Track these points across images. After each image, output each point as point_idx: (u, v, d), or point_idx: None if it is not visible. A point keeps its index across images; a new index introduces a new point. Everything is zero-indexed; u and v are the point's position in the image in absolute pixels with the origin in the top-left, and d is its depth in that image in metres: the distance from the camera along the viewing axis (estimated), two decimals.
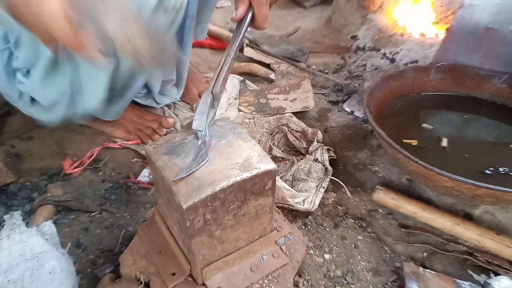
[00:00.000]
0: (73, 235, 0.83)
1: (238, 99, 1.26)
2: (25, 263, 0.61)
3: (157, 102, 1.14)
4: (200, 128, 0.61)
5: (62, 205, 0.86)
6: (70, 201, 0.87)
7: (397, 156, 0.81)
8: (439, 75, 1.10)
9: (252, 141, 0.61)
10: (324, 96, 1.34)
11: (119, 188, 0.95)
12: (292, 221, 0.88)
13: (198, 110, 0.62)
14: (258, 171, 0.56)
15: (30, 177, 0.97)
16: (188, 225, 0.53)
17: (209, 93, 0.63)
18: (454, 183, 0.72)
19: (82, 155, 1.03)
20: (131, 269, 0.67)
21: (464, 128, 1.01)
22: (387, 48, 1.56)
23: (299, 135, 1.08)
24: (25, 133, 1.10)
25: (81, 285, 0.73)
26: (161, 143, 0.60)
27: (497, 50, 1.07)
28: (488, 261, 0.79)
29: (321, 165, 0.97)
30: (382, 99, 1.02)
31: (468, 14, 1.07)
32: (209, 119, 0.62)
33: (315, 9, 2.05)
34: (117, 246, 0.81)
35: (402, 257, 0.82)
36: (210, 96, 0.63)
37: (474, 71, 1.08)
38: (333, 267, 0.79)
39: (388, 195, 0.89)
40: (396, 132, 0.89)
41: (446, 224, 0.84)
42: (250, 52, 1.51)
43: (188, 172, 0.54)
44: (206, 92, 0.63)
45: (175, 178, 0.53)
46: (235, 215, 0.59)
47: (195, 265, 0.61)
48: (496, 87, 1.06)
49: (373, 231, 0.87)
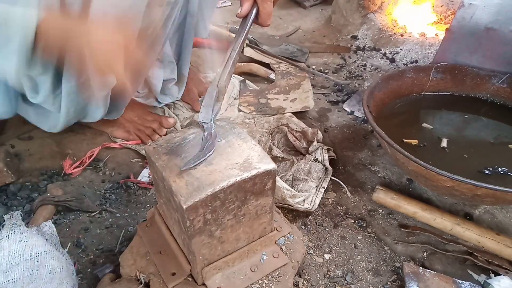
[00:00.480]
0: (73, 235, 0.83)
1: (238, 99, 1.26)
2: (25, 263, 0.60)
3: (158, 101, 1.14)
4: (206, 120, 0.63)
5: (62, 205, 0.86)
6: (70, 201, 0.86)
7: (397, 156, 0.81)
8: (439, 75, 1.10)
9: (252, 141, 0.61)
10: (324, 96, 1.34)
11: (119, 188, 0.95)
12: (292, 221, 0.88)
13: (204, 103, 0.64)
14: (258, 171, 0.56)
15: (30, 177, 0.97)
16: (188, 225, 0.53)
17: (214, 87, 0.64)
18: (454, 183, 0.72)
19: (82, 155, 1.03)
20: (131, 269, 0.67)
21: (463, 128, 1.01)
22: (387, 48, 1.56)
23: (299, 135, 1.08)
24: (25, 133, 1.10)
25: (81, 285, 0.74)
26: (161, 143, 0.60)
27: (497, 50, 1.07)
28: (488, 261, 0.79)
29: (321, 165, 0.97)
30: (382, 99, 1.02)
31: (468, 14, 1.07)
32: (215, 111, 0.64)
33: (315, 9, 2.05)
34: (117, 246, 0.81)
35: (402, 257, 0.82)
36: (216, 89, 0.64)
37: (474, 71, 1.08)
38: (333, 267, 0.79)
39: (388, 195, 0.89)
40: (396, 132, 0.89)
41: (446, 224, 0.84)
42: (250, 52, 1.51)
43: (195, 162, 0.55)
44: (211, 86, 0.64)
45: (183, 167, 0.54)
46: (235, 215, 0.59)
47: (195, 265, 0.61)
48: (496, 87, 1.07)
49: (373, 231, 0.87)
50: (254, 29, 1.81)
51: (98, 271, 0.72)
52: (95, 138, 1.10)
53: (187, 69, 1.14)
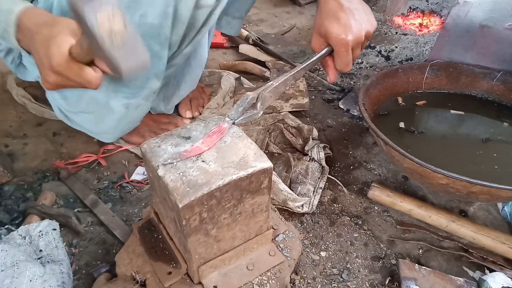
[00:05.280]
0: (68, 235, 0.83)
1: (234, 97, 1.26)
2: (5, 271, 0.61)
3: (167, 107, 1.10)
4: (230, 117, 0.62)
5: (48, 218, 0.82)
6: (56, 216, 0.82)
7: (392, 154, 0.81)
8: (434, 73, 1.10)
9: (248, 139, 0.61)
10: (319, 94, 1.34)
11: (115, 187, 0.95)
12: (288, 219, 0.88)
13: (238, 102, 0.64)
14: (254, 169, 0.55)
15: (24, 176, 0.96)
16: (184, 224, 0.53)
17: (255, 93, 0.64)
18: (449, 180, 0.72)
19: (77, 154, 1.02)
20: (127, 268, 0.66)
21: (458, 126, 1.01)
22: (382, 45, 1.57)
23: (295, 131, 1.08)
24: (19, 132, 1.09)
25: (76, 285, 0.73)
26: (158, 141, 0.60)
27: (491, 48, 1.07)
28: (483, 257, 0.80)
29: (317, 164, 0.97)
30: (377, 96, 1.02)
31: (462, 11, 1.07)
32: (244, 115, 0.63)
33: (310, 6, 2.05)
34: (113, 245, 0.81)
35: (397, 254, 0.83)
36: (255, 95, 0.64)
37: (468, 68, 1.09)
38: (329, 265, 0.80)
39: (384, 193, 0.90)
40: (391, 130, 0.90)
41: (442, 221, 0.84)
42: (245, 48, 1.51)
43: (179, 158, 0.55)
44: (254, 92, 0.65)
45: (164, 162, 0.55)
46: (231, 214, 0.58)
47: (191, 264, 0.61)
48: (491, 84, 1.07)
49: (369, 229, 0.88)
50: (249, 27, 1.81)
51: (94, 271, 0.71)
52: (91, 137, 1.09)
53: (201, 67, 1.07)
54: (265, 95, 0.65)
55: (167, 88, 1.03)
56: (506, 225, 0.89)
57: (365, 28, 0.74)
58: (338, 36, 0.71)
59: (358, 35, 0.72)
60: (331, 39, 0.73)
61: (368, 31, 0.75)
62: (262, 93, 0.65)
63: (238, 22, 1.16)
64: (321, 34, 0.75)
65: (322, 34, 0.75)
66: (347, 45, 0.72)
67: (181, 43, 0.83)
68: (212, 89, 1.30)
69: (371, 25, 0.76)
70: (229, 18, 1.13)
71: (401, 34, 1.60)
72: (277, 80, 0.68)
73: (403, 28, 1.64)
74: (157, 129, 1.06)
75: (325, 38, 0.75)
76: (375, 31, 0.78)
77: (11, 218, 0.84)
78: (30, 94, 1.16)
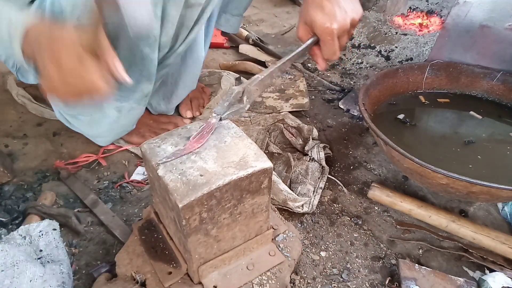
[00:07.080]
0: (68, 235, 0.83)
1: None
2: (5, 271, 0.61)
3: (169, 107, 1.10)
4: (217, 112, 0.62)
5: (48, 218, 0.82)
6: (56, 216, 0.82)
7: (392, 154, 0.81)
8: (434, 73, 1.10)
9: (248, 139, 0.61)
10: (319, 94, 1.34)
11: (115, 187, 0.95)
12: (288, 219, 0.88)
13: (224, 97, 0.63)
14: (254, 169, 0.55)
15: (24, 176, 0.96)
16: (184, 224, 0.53)
17: (241, 87, 0.64)
18: (449, 180, 0.72)
19: (77, 154, 1.02)
20: (127, 268, 0.66)
21: (458, 126, 1.01)
22: (382, 45, 1.56)
23: (295, 131, 1.07)
24: (19, 132, 1.09)
25: (76, 285, 0.73)
26: (157, 141, 0.60)
27: (491, 48, 1.07)
28: (483, 257, 0.80)
29: (317, 164, 0.97)
30: (377, 96, 1.02)
31: (462, 11, 1.07)
32: (230, 110, 0.63)
33: None
34: (113, 245, 0.81)
35: (397, 254, 0.82)
36: (241, 89, 0.64)
37: (468, 68, 1.09)
38: (329, 265, 0.80)
39: (384, 193, 0.90)
40: (391, 130, 0.90)
41: (442, 221, 0.84)
42: (245, 48, 1.51)
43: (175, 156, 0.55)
44: (239, 86, 0.64)
45: (161, 160, 0.55)
46: (231, 214, 0.58)
47: (191, 264, 0.61)
48: (491, 84, 1.07)
49: (369, 229, 0.88)
50: (249, 27, 1.81)
51: (94, 271, 0.71)
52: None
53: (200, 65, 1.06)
54: (251, 88, 0.65)
55: (166, 86, 1.03)
56: (506, 225, 0.89)
57: (350, 15, 0.73)
58: (323, 25, 0.71)
59: (343, 23, 0.72)
60: (316, 28, 0.73)
61: (354, 19, 0.74)
62: (248, 87, 0.65)
63: (237, 20, 1.16)
64: (306, 23, 0.75)
65: (308, 24, 0.74)
66: (332, 34, 0.72)
67: (174, 43, 0.82)
68: (212, 89, 1.30)
69: (356, 13, 0.75)
70: (228, 15, 1.13)
71: (401, 34, 1.60)
72: (263, 73, 0.68)
73: (403, 28, 1.64)
74: (157, 129, 1.06)
75: (310, 27, 0.74)
76: (361, 19, 0.77)
77: (11, 218, 0.84)
78: (30, 94, 1.15)
